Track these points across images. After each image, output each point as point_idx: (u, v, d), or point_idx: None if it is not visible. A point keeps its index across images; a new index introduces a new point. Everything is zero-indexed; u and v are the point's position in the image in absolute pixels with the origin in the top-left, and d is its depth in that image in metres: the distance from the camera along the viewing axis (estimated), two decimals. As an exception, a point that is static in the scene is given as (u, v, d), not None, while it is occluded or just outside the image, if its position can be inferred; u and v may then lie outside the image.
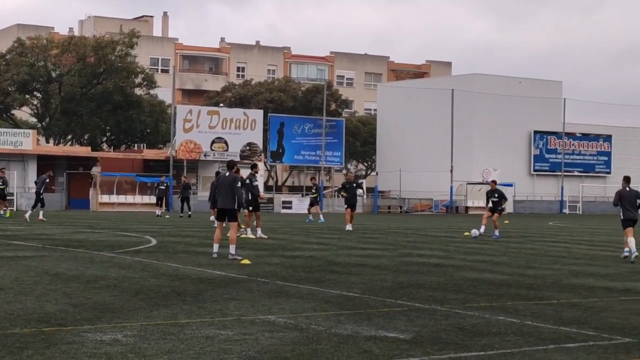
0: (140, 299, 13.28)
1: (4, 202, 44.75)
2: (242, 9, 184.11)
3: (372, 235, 32.94)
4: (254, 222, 29.85)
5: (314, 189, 48.37)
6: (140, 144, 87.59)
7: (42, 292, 13.76)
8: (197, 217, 48.08)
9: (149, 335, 10.25)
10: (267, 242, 26.77)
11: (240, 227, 26.27)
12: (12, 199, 58.49)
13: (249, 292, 14.36)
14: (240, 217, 22.72)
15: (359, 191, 35.43)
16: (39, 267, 17.64)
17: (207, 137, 70.65)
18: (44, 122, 78.17)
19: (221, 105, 79.95)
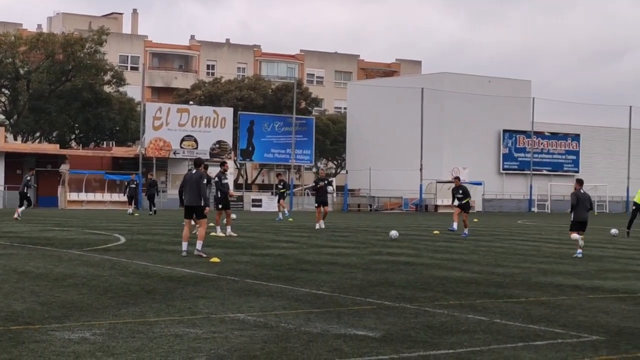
0: (108, 297, 13.22)
1: None
2: (213, 6, 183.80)
3: (342, 233, 32.97)
4: (224, 220, 29.79)
5: (282, 184, 48.34)
6: (109, 141, 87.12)
7: (10, 291, 13.66)
8: (167, 215, 47.91)
9: (118, 333, 10.20)
10: (237, 240, 26.73)
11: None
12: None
13: (218, 290, 14.33)
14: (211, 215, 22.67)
15: (330, 189, 35.44)
16: (7, 265, 17.51)
17: (176, 135, 70.39)
18: (11, 119, 77.60)
19: (191, 103, 79.71)
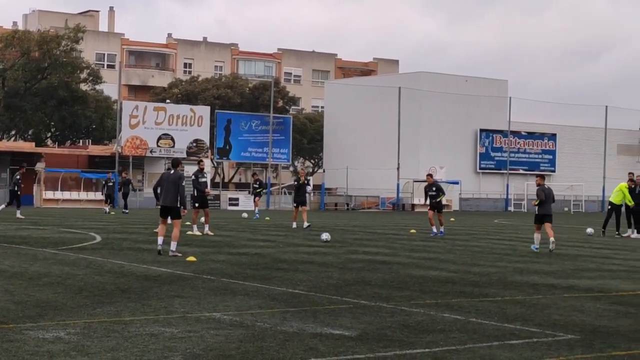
0: (83, 296, 13.15)
1: None
2: (191, 5, 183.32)
3: (319, 232, 32.91)
4: (201, 219, 29.75)
5: (257, 183, 48.30)
6: (85, 139, 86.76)
7: (-16, 290, 13.58)
8: (143, 214, 47.75)
9: (92, 332, 10.15)
10: (213, 239, 26.67)
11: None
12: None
13: (194, 289, 14.28)
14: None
15: (308, 188, 35.52)
16: (-19, 264, 17.40)
17: (153, 133, 70.15)
18: (-14, 117, 77.24)
19: (168, 101, 79.48)
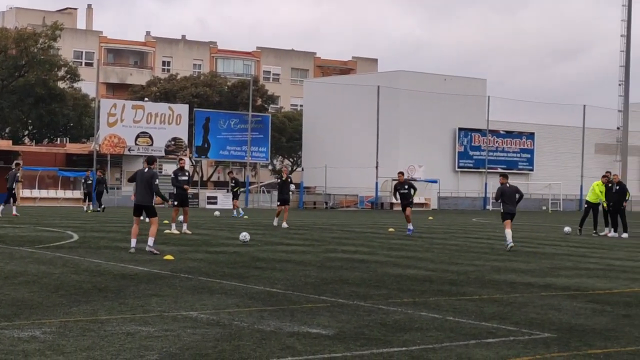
0: (60, 295, 13.08)
1: None
2: (170, 3, 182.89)
3: (297, 231, 32.94)
4: (180, 218, 29.68)
5: (234, 182, 48.35)
6: (63, 138, 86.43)
7: (-41, 289, 13.49)
8: (121, 212, 47.59)
9: (68, 332, 10.09)
10: (191, 238, 26.62)
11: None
12: None
13: (171, 288, 14.24)
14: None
15: (292, 187, 35.50)
16: (-43, 263, 17.30)
17: (131, 131, 69.99)
18: (-37, 115, 76.83)
19: (146, 99, 79.27)
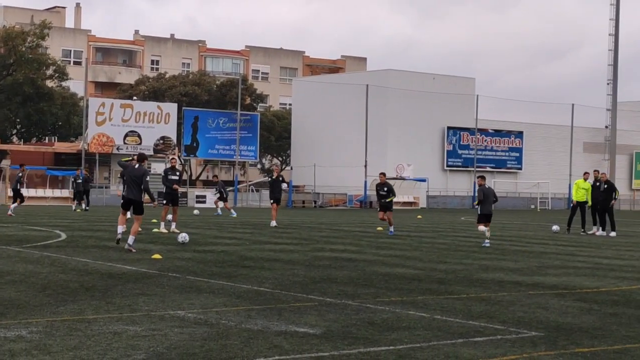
0: (47, 294, 13.05)
1: None
2: (160, 1, 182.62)
3: (286, 230, 32.93)
4: (169, 217, 29.63)
5: (216, 188, 49.06)
6: (51, 136, 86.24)
7: (-55, 288, 13.44)
8: (109, 211, 47.49)
9: (55, 331, 10.07)
10: (180, 237, 26.52)
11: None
12: None
13: (159, 287, 14.21)
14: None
15: (284, 185, 35.36)
16: (-57, 262, 17.24)
17: (120, 130, 69.89)
18: (-49, 114, 76.57)
19: (134, 98, 79.15)
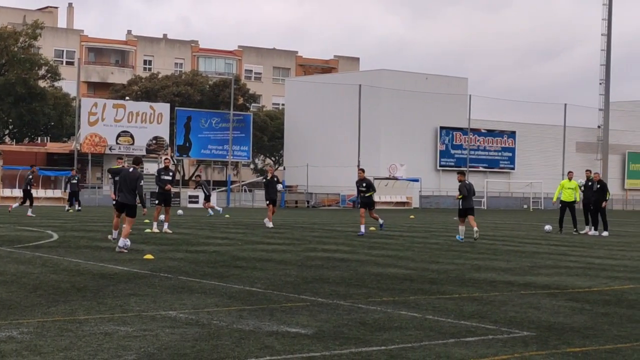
0: (38, 294, 13.02)
1: None
2: (154, 1, 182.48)
3: (278, 230, 32.92)
4: (161, 217, 29.64)
5: (202, 184, 49.49)
6: (43, 137, 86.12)
7: (-64, 289, 13.41)
8: (102, 212, 47.44)
9: (46, 332, 10.04)
10: (172, 237, 26.55)
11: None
12: None
13: (151, 287, 14.19)
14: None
15: (279, 186, 35.31)
16: None
17: (112, 130, 69.83)
18: (-57, 114, 76.41)
19: (127, 98, 79.07)
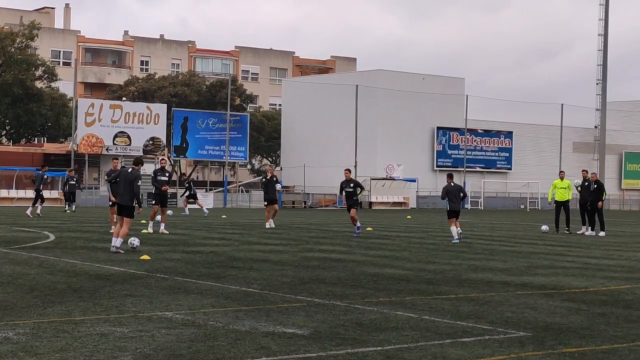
0: (34, 295, 13.01)
1: None
2: (151, 2, 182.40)
3: (275, 230, 32.90)
4: (158, 217, 29.61)
5: (188, 184, 49.82)
6: (40, 137, 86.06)
7: None
8: (99, 212, 47.42)
9: (42, 333, 10.03)
10: (168, 238, 26.52)
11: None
12: None
13: (147, 288, 14.18)
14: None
15: (278, 186, 35.24)
16: None
17: (109, 131, 69.78)
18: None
19: (124, 99, 79.01)
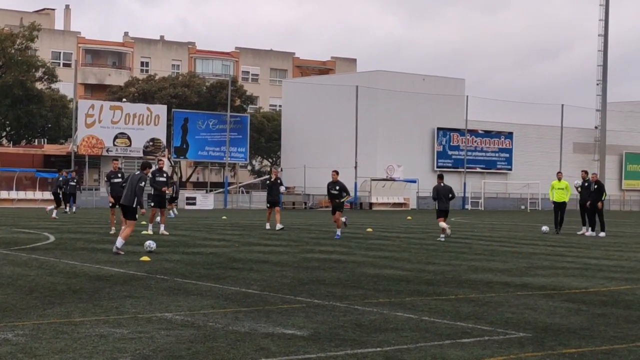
0: (34, 297, 13.00)
1: None
2: (150, 3, 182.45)
3: (275, 231, 32.90)
4: (157, 219, 29.62)
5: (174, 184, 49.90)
6: (41, 139, 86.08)
7: None
8: (99, 214, 47.42)
9: (41, 334, 10.02)
10: (168, 239, 26.52)
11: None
12: None
13: (147, 289, 14.17)
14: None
15: (282, 188, 35.14)
16: None
17: (109, 132, 69.80)
18: (-60, 117, 76.33)
19: (124, 100, 79.03)
